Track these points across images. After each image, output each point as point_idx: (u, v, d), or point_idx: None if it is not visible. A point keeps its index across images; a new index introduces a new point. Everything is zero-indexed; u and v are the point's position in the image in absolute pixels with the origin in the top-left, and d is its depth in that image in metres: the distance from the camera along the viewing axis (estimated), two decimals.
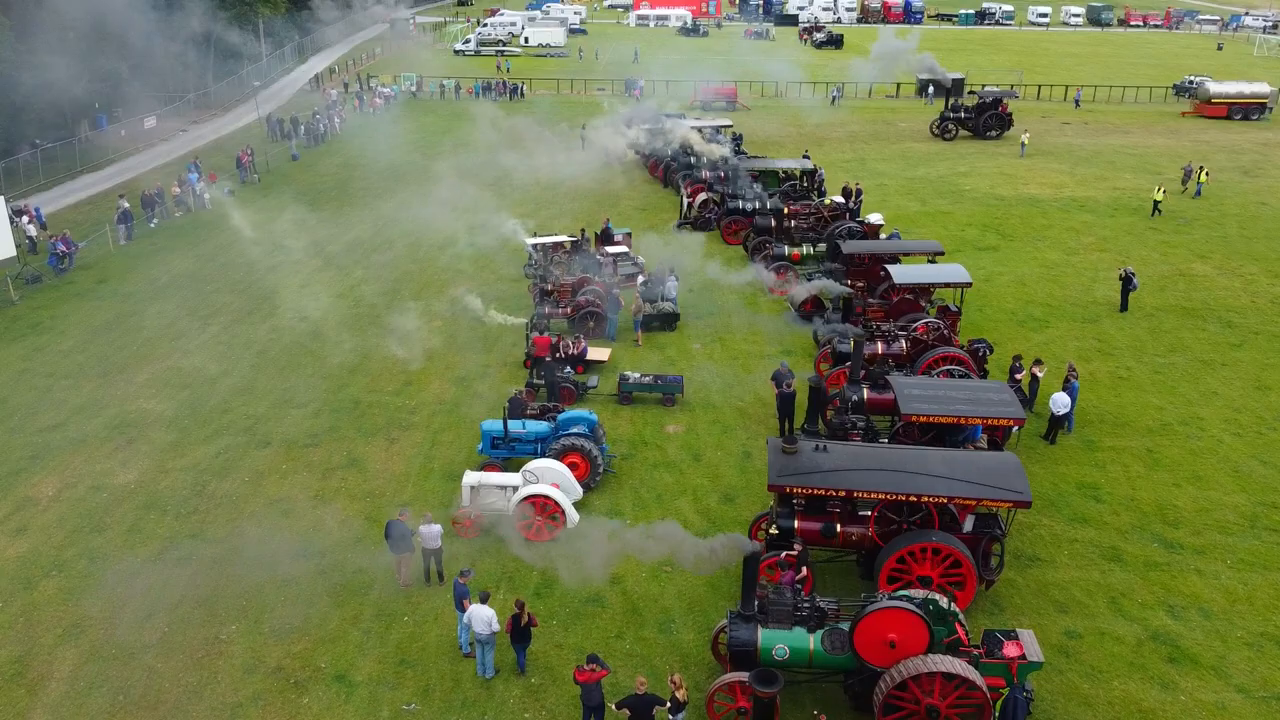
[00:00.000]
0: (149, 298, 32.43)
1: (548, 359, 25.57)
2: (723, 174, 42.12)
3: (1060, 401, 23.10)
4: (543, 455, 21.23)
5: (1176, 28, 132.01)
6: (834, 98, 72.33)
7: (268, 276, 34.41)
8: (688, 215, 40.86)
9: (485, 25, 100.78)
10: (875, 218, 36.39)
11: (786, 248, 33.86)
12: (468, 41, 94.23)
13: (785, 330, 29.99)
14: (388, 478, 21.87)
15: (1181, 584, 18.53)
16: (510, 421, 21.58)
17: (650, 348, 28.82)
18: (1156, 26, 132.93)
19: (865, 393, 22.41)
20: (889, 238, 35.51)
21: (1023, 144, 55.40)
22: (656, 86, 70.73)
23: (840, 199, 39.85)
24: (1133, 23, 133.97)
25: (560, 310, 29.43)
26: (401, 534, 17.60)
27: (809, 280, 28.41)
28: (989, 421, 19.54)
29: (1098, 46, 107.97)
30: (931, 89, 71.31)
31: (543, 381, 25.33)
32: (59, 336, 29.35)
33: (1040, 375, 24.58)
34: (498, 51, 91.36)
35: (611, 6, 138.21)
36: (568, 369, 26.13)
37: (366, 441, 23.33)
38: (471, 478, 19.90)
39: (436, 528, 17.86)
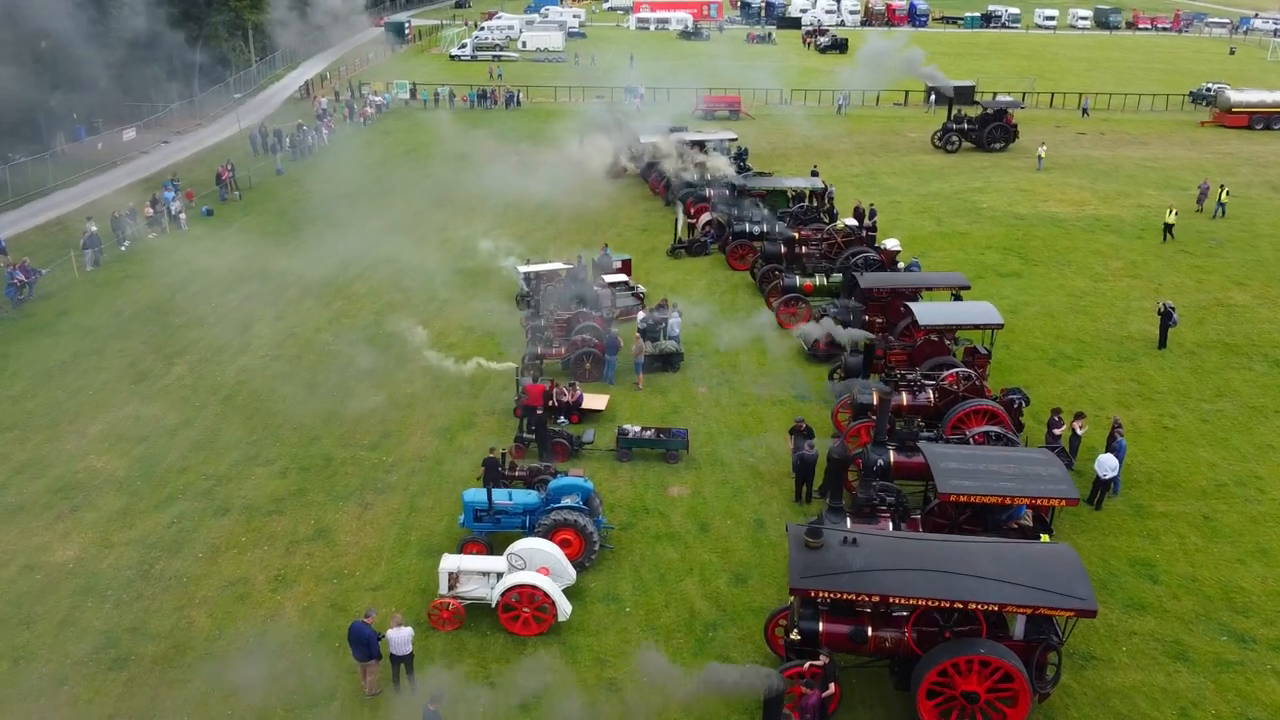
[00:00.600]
0: (112, 333, 30.07)
1: (539, 410, 23.21)
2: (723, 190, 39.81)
3: (1107, 464, 20.76)
4: (531, 530, 18.95)
5: (1186, 31, 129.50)
6: (840, 106, 69.88)
7: (241, 308, 32.05)
8: (683, 238, 38.36)
9: (482, 29, 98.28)
10: (892, 243, 33.90)
11: (798, 278, 31.40)
12: (464, 46, 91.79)
13: (799, 371, 27.71)
14: (359, 553, 19.56)
15: (1259, 689, 16.23)
16: (496, 492, 19.23)
17: (651, 391, 26.50)
18: (1165, 29, 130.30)
19: (892, 456, 20.12)
20: (908, 267, 33.13)
21: (1039, 157, 52.88)
22: (656, 94, 68.26)
23: (853, 220, 37.42)
24: (1141, 25, 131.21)
25: (554, 350, 27.12)
26: (366, 640, 15.30)
27: (843, 328, 26.10)
28: (1037, 501, 17.21)
29: (1107, 51, 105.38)
30: (934, 97, 68.08)
31: (533, 435, 23.02)
32: (10, 379, 26.99)
33: (1082, 432, 22.29)
34: (494, 57, 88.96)
35: (611, 9, 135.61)
36: (562, 420, 23.87)
37: (337, 508, 21.01)
38: (450, 561, 17.61)
39: (406, 631, 15.55)
